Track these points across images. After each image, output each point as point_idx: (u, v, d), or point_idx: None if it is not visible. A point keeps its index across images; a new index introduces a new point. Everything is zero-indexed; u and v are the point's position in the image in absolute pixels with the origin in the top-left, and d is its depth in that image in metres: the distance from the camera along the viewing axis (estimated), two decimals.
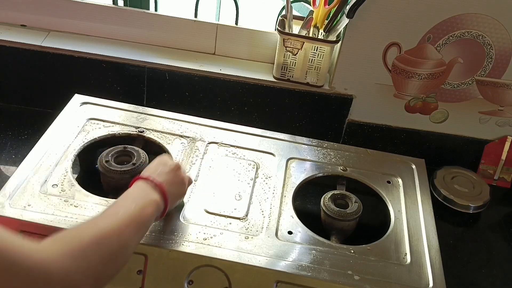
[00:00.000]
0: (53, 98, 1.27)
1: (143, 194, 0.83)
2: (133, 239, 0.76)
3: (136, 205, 0.79)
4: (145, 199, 0.82)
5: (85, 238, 0.67)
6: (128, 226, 0.75)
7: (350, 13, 1.15)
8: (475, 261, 1.14)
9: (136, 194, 0.83)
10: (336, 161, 1.16)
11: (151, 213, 0.81)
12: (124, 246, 0.73)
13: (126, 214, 0.76)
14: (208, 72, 1.30)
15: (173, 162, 0.93)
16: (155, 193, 0.84)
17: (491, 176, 1.34)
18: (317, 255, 0.94)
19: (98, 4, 1.33)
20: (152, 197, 0.83)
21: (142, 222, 0.78)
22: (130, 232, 0.74)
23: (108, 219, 0.74)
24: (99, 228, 0.71)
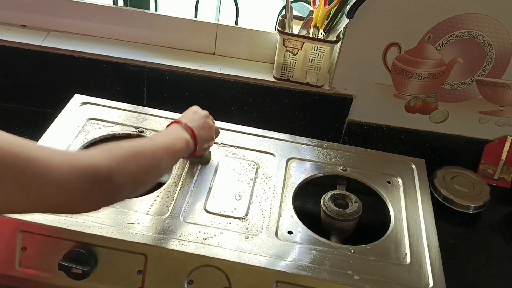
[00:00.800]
0: (53, 98, 1.27)
1: (176, 132, 0.95)
2: (164, 162, 0.87)
3: (169, 138, 0.92)
4: (177, 136, 0.94)
5: (125, 149, 0.78)
6: (161, 150, 0.86)
7: (350, 13, 1.15)
8: (475, 261, 1.14)
9: (171, 132, 0.96)
10: (336, 161, 1.16)
11: (181, 147, 0.93)
12: (156, 164, 0.85)
13: (161, 141, 0.89)
14: (208, 72, 1.30)
15: (203, 111, 1.05)
16: (186, 133, 0.96)
17: (491, 176, 1.34)
18: (317, 255, 0.94)
19: (98, 4, 1.33)
20: (184, 136, 0.95)
21: (173, 151, 0.90)
22: (162, 155, 0.86)
23: (145, 141, 0.88)
24: (137, 145, 0.82)
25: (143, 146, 0.84)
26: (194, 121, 1.00)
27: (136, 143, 0.83)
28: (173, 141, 0.91)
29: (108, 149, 0.76)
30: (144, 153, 0.82)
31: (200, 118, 1.02)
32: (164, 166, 0.88)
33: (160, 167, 0.86)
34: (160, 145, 0.87)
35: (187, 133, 0.96)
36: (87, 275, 0.90)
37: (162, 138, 0.91)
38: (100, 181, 0.71)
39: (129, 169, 0.76)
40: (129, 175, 0.77)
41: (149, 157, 0.83)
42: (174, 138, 0.93)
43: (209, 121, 1.05)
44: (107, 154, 0.74)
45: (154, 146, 0.86)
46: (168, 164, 0.90)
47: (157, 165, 0.85)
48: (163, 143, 0.89)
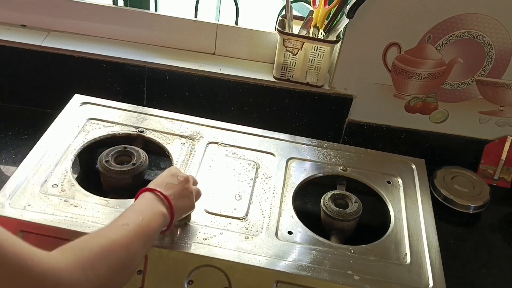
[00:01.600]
0: (53, 98, 1.27)
1: (150, 206, 0.83)
2: (140, 251, 0.76)
3: (143, 218, 0.79)
4: (152, 211, 0.82)
5: (94, 249, 0.68)
6: (136, 239, 0.75)
7: (350, 13, 1.15)
8: (475, 261, 1.14)
9: (143, 206, 0.83)
10: (336, 161, 1.16)
11: (157, 226, 0.82)
12: (132, 258, 0.74)
13: (134, 226, 0.76)
14: (208, 72, 1.30)
15: (182, 175, 0.92)
16: (161, 206, 0.84)
17: (491, 176, 1.34)
18: (317, 255, 0.94)
19: (98, 4, 1.33)
20: (159, 210, 0.83)
21: (149, 235, 0.79)
22: (138, 245, 0.75)
23: (117, 231, 0.75)
24: (108, 240, 0.71)
25: (116, 241, 0.72)
26: (170, 188, 0.87)
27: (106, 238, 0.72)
28: (148, 221, 0.79)
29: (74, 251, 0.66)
30: (117, 250, 0.71)
31: (179, 183, 0.89)
32: (139, 257, 0.77)
33: (135, 261, 0.76)
34: (133, 232, 0.75)
35: (162, 206, 0.84)
36: None
37: (135, 220, 0.78)
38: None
39: (98, 276, 0.66)
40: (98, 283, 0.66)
41: (123, 253, 0.72)
42: (148, 216, 0.80)
43: (189, 187, 0.91)
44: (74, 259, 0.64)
45: (127, 236, 0.74)
46: (144, 253, 0.79)
47: (132, 259, 0.74)
48: (136, 229, 0.76)
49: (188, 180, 0.92)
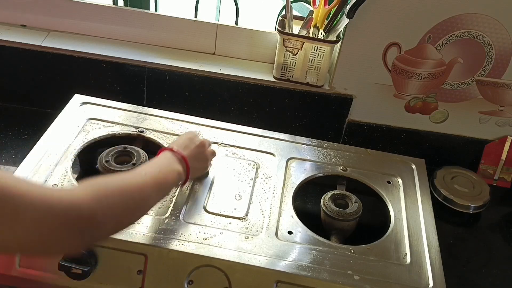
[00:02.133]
0: (53, 98, 1.27)
1: (168, 163, 0.91)
2: (153, 198, 0.84)
3: (160, 171, 0.87)
4: (169, 168, 0.90)
5: (111, 187, 0.75)
6: (150, 186, 0.82)
7: (350, 13, 1.15)
8: (475, 261, 1.14)
9: (162, 162, 0.91)
10: (336, 161, 1.16)
11: (172, 181, 0.89)
12: (144, 201, 0.81)
13: (150, 176, 0.84)
14: (208, 72, 1.30)
15: (199, 139, 1.01)
16: (178, 164, 0.92)
17: (491, 176, 1.34)
18: (317, 255, 0.94)
19: (98, 4, 1.33)
20: (176, 168, 0.91)
21: (163, 186, 0.86)
22: (151, 191, 0.82)
23: (134, 176, 0.82)
24: (124, 182, 0.79)
25: (131, 184, 0.79)
26: (187, 149, 0.95)
27: (124, 180, 0.79)
28: (164, 175, 0.87)
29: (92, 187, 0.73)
30: (132, 192, 0.78)
31: (196, 147, 0.98)
32: (152, 203, 0.84)
33: (147, 205, 0.83)
34: (149, 181, 0.83)
35: (179, 165, 0.92)
36: (87, 275, 0.90)
37: (153, 172, 0.85)
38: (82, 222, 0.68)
39: (113, 211, 0.73)
40: (113, 217, 0.74)
41: (136, 196, 0.79)
42: (165, 171, 0.88)
43: (204, 151, 1.01)
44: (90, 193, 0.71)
45: (143, 183, 0.82)
46: (156, 200, 0.86)
47: (144, 203, 0.82)
48: (153, 179, 0.84)
49: (204, 145, 1.01)
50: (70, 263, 0.89)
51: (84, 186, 0.73)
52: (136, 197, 0.79)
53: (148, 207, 0.84)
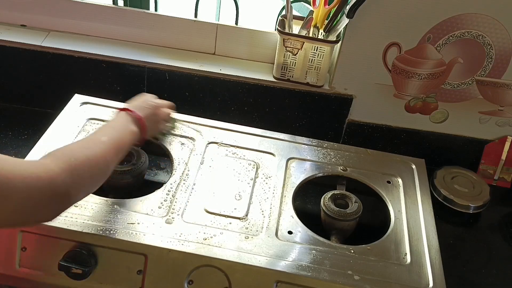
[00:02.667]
0: (53, 98, 1.27)
1: (124, 124, 0.97)
2: (114, 162, 0.90)
3: (118, 133, 0.93)
4: (126, 129, 0.96)
5: (80, 159, 0.81)
6: (111, 152, 0.88)
7: (350, 13, 1.15)
8: (475, 261, 1.14)
9: (119, 124, 0.97)
10: (336, 161, 1.16)
11: (129, 142, 0.95)
12: (107, 168, 0.88)
13: (110, 141, 0.90)
14: (208, 72, 1.30)
15: (154, 101, 1.07)
16: (133, 125, 0.97)
17: (491, 176, 1.34)
18: (317, 255, 0.94)
19: (98, 4, 1.33)
20: (132, 129, 0.97)
21: (121, 148, 0.92)
22: (112, 156, 0.89)
23: (96, 144, 0.88)
24: (90, 152, 0.84)
25: (96, 154, 0.85)
26: (143, 111, 1.01)
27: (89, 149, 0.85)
28: (122, 138, 0.93)
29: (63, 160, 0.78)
30: (98, 162, 0.84)
31: (151, 108, 1.04)
32: (112, 166, 0.90)
33: (109, 169, 0.88)
34: (111, 147, 0.89)
35: (135, 125, 0.97)
36: (87, 275, 0.90)
37: (111, 134, 0.92)
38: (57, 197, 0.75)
39: (83, 182, 0.81)
40: (83, 187, 0.81)
41: (102, 165, 0.86)
42: (122, 133, 0.94)
43: (159, 113, 1.07)
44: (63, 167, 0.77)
45: (106, 150, 0.87)
46: (115, 162, 0.91)
47: (107, 169, 0.88)
48: (112, 142, 0.90)
49: (158, 107, 1.07)
50: (70, 263, 0.89)
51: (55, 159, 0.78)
52: (101, 166, 0.86)
53: (109, 172, 0.89)
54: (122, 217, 0.95)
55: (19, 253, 0.92)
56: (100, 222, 0.93)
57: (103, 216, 0.94)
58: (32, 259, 0.93)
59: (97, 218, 0.94)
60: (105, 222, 0.93)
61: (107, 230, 0.91)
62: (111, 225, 0.93)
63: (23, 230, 0.92)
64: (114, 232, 0.91)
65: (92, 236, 0.91)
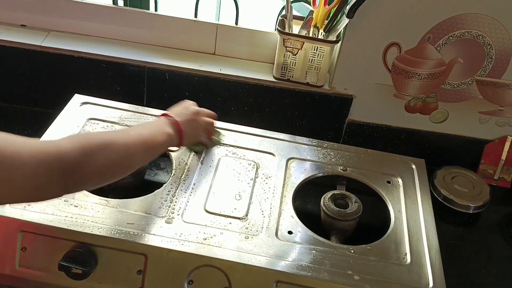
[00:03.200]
0: (53, 98, 1.27)
1: (159, 125, 0.95)
2: (138, 156, 0.87)
3: (150, 131, 0.91)
4: (159, 129, 0.94)
5: (96, 140, 0.80)
6: (136, 144, 0.86)
7: (350, 13, 1.15)
8: (475, 261, 1.14)
9: (153, 124, 0.96)
10: (336, 161, 1.16)
11: (161, 142, 0.93)
12: (129, 158, 0.85)
13: (138, 134, 0.88)
14: (208, 72, 1.30)
15: (195, 108, 1.06)
16: (170, 127, 0.96)
17: (491, 176, 1.34)
18: (317, 255, 0.94)
19: (98, 4, 1.33)
20: (166, 130, 0.95)
21: (150, 145, 0.90)
22: (137, 149, 0.86)
23: (121, 134, 0.88)
24: (110, 137, 0.83)
25: (116, 139, 0.83)
26: (181, 116, 1.00)
27: (110, 135, 0.85)
28: (153, 135, 0.91)
29: (78, 140, 0.78)
30: (115, 146, 0.82)
31: (190, 114, 1.03)
32: (137, 160, 0.88)
33: (132, 162, 0.86)
34: (136, 139, 0.87)
35: (170, 128, 0.96)
36: (87, 275, 0.90)
37: (141, 131, 0.90)
38: (65, 173, 0.74)
39: (96, 163, 0.78)
40: (96, 168, 0.79)
41: (121, 151, 0.83)
42: (154, 131, 0.92)
43: (199, 119, 1.06)
44: (76, 146, 0.76)
45: (129, 140, 0.85)
46: (142, 158, 0.90)
47: (129, 160, 0.85)
48: (140, 137, 0.88)
49: (198, 113, 1.06)
50: (70, 263, 0.89)
51: (71, 138, 0.79)
52: (120, 153, 0.83)
53: (133, 164, 0.87)
54: (122, 217, 0.95)
55: (19, 253, 0.92)
56: (100, 222, 0.93)
57: (103, 216, 0.94)
58: (32, 259, 0.93)
59: (97, 218, 0.94)
60: (105, 222, 0.93)
61: (107, 230, 0.91)
62: (111, 225, 0.93)
63: (23, 230, 0.92)
64: (114, 232, 0.91)
65: (92, 236, 0.91)
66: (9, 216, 0.91)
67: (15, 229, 0.92)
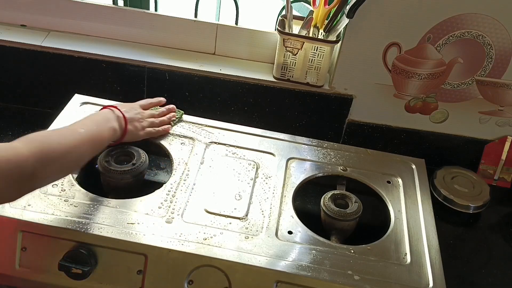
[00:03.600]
0: (53, 98, 1.27)
1: (106, 120, 0.99)
2: (87, 154, 0.91)
3: (97, 128, 0.95)
4: (106, 124, 0.98)
5: (52, 145, 0.83)
6: (86, 144, 0.90)
7: (350, 13, 1.15)
8: (475, 261, 1.14)
9: (100, 118, 0.98)
10: (336, 161, 1.16)
11: (107, 138, 0.97)
12: (79, 159, 0.90)
13: (87, 133, 0.91)
14: (208, 72, 1.30)
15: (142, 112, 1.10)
16: (116, 122, 1.00)
17: (491, 176, 1.34)
18: (317, 255, 0.94)
19: (98, 4, 1.33)
20: (112, 125, 0.98)
21: (97, 142, 0.94)
22: (87, 149, 0.90)
23: (73, 134, 0.89)
24: (65, 140, 0.86)
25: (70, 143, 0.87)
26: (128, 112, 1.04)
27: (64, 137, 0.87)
28: (100, 132, 0.95)
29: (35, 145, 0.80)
30: (70, 152, 0.86)
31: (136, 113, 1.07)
32: (86, 159, 0.92)
33: (81, 161, 0.91)
34: (86, 139, 0.90)
35: (116, 122, 1.00)
36: (87, 275, 0.90)
37: (90, 127, 0.93)
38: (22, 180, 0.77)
39: (52, 168, 0.83)
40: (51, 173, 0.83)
41: (74, 155, 0.87)
42: (102, 127, 0.96)
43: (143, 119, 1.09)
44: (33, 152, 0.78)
45: (80, 141, 0.89)
46: (90, 156, 0.93)
47: (79, 160, 0.90)
48: (89, 136, 0.91)
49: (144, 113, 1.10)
50: (70, 263, 0.89)
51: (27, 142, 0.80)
52: (73, 156, 0.87)
53: (82, 163, 0.91)
54: (122, 217, 0.95)
55: (19, 253, 0.92)
56: (100, 222, 0.93)
57: (103, 216, 0.94)
58: (32, 259, 0.93)
59: (97, 218, 0.94)
60: (105, 222, 0.93)
61: (107, 230, 0.91)
62: (111, 225, 0.93)
63: (23, 230, 0.92)
64: (114, 232, 0.91)
65: (92, 236, 0.91)
66: (9, 216, 0.91)
67: (15, 229, 0.92)
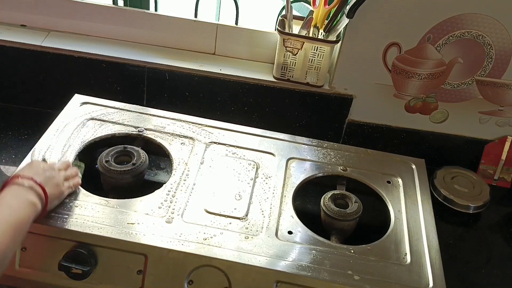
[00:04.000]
0: (53, 98, 1.27)
1: (20, 198, 0.80)
2: (12, 246, 0.76)
3: (12, 212, 0.77)
4: (22, 203, 0.80)
5: None
6: (5, 236, 0.74)
7: (350, 13, 1.15)
8: (475, 261, 1.14)
9: (13, 199, 0.80)
10: (336, 161, 1.16)
11: (28, 216, 0.80)
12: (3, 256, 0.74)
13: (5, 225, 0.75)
14: (208, 72, 1.30)
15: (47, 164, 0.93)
16: (32, 194, 0.82)
17: (491, 176, 1.34)
18: (317, 255, 0.94)
19: (98, 4, 1.33)
20: (29, 199, 0.81)
21: (20, 229, 0.78)
22: (8, 241, 0.75)
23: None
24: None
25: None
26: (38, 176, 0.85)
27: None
28: (19, 215, 0.77)
29: None
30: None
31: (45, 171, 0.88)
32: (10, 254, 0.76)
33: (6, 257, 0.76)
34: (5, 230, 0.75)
35: (33, 194, 0.82)
36: (87, 275, 0.90)
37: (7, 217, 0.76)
38: None
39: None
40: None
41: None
42: (18, 209, 0.78)
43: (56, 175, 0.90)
44: None
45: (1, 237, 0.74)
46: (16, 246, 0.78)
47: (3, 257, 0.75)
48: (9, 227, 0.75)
49: (53, 167, 0.91)
50: (70, 263, 0.89)
51: None
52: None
53: (8, 258, 0.76)
54: (122, 217, 0.95)
55: (19, 253, 0.92)
56: (100, 222, 0.93)
57: (103, 216, 0.94)
58: (32, 259, 0.93)
59: (97, 218, 0.94)
60: (105, 222, 0.93)
61: (107, 230, 0.91)
62: (111, 225, 0.93)
63: None
64: (114, 232, 0.91)
65: (92, 236, 0.91)
66: None
67: None
